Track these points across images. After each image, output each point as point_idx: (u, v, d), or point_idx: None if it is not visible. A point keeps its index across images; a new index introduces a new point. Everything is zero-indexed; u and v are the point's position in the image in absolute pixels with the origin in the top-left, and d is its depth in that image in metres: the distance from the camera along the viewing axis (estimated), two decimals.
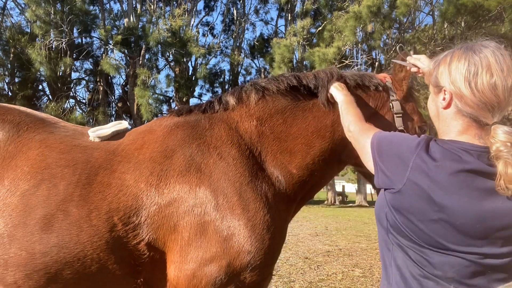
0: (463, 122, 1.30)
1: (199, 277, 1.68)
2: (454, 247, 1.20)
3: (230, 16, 30.28)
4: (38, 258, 1.72)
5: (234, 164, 1.80)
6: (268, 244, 1.73)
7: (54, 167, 1.84)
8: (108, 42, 22.39)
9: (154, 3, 26.21)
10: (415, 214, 1.24)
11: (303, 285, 5.56)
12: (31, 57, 20.51)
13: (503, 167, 1.17)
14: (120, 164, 1.84)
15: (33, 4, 20.57)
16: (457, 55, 1.31)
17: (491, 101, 1.23)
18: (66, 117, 20.90)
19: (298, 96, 2.03)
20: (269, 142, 1.93)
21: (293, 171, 1.92)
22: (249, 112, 1.98)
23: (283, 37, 24.18)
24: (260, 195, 1.78)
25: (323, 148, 1.96)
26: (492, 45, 1.28)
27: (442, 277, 1.22)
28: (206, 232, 1.70)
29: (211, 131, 1.89)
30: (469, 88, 1.24)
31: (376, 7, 19.16)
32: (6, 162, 1.87)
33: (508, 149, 1.17)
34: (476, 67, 1.24)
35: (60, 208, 1.74)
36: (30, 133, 1.97)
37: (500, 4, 18.86)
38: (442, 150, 1.25)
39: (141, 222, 1.73)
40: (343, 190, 33.34)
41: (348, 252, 8.08)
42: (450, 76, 1.30)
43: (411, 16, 22.91)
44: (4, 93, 23.55)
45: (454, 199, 1.19)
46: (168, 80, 25.24)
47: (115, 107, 28.33)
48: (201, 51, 23.03)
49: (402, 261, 1.30)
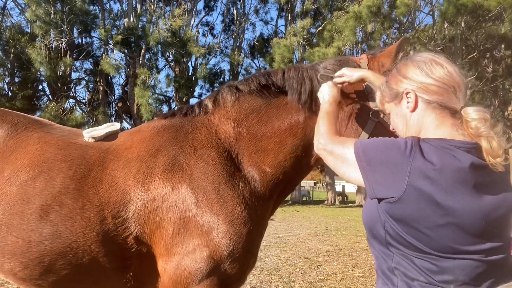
0: (436, 114, 1.32)
1: (182, 268, 1.78)
2: (464, 248, 1.18)
3: (230, 16, 30.29)
4: (34, 247, 1.81)
5: (213, 164, 1.90)
6: (246, 238, 1.83)
7: (52, 161, 1.94)
8: (108, 42, 22.39)
9: (154, 3, 26.21)
10: (421, 221, 1.19)
11: (303, 285, 5.56)
12: (31, 57, 20.52)
13: (486, 143, 1.20)
14: (111, 162, 1.95)
15: (33, 4, 20.57)
16: (403, 66, 1.41)
17: (452, 83, 1.31)
18: (66, 117, 20.92)
19: (271, 94, 2.06)
20: (245, 143, 2.01)
21: (267, 169, 1.98)
22: (226, 115, 2.05)
23: (283, 37, 24.19)
24: (237, 193, 1.88)
25: (295, 145, 1.99)
26: (422, 53, 1.41)
27: (453, 281, 1.19)
28: (188, 226, 1.80)
29: (193, 135, 2.01)
30: (429, 77, 1.32)
31: (376, 7, 19.17)
32: (6, 155, 1.99)
33: (485, 125, 1.21)
34: (426, 64, 1.35)
35: (56, 199, 1.84)
36: (29, 131, 2.10)
37: (500, 4, 18.86)
38: (436, 150, 1.22)
39: (129, 217, 1.83)
40: (343, 190, 33.35)
41: (348, 252, 8.08)
42: (407, 79, 1.37)
43: (411, 16, 22.92)
44: (4, 93, 23.55)
45: (458, 199, 1.17)
46: (168, 80, 25.24)
47: (115, 107, 28.36)
48: (201, 51, 23.04)
49: (406, 269, 1.24)
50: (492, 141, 1.19)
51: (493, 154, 1.19)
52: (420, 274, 1.21)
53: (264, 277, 5.91)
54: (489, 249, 1.19)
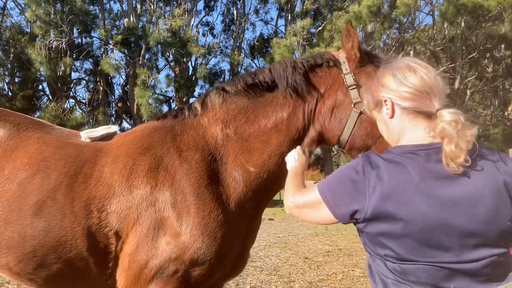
0: (410, 119, 1.39)
1: (150, 267, 1.82)
2: (422, 259, 1.23)
3: (230, 16, 30.27)
4: (28, 241, 1.89)
5: (196, 167, 1.94)
6: (220, 241, 1.87)
7: (49, 160, 2.04)
8: (108, 42, 22.38)
9: (154, 3, 26.19)
10: (383, 234, 1.28)
11: (303, 285, 5.56)
12: (31, 57, 20.47)
13: (447, 144, 1.24)
14: (102, 159, 2.04)
15: (33, 4, 20.54)
16: (381, 74, 1.48)
17: (425, 89, 1.36)
18: (66, 117, 20.89)
19: (258, 93, 2.08)
20: (232, 144, 2.04)
21: (251, 169, 2.00)
22: (215, 116, 2.09)
23: (283, 37, 24.17)
24: (215, 196, 1.92)
25: (279, 142, 2.01)
26: (401, 59, 1.49)
27: (417, 282, 1.24)
28: (162, 226, 1.84)
29: (181, 137, 2.05)
30: (403, 85, 1.39)
31: (376, 7, 19.15)
32: (7, 154, 2.09)
33: (453, 127, 1.25)
34: (400, 72, 1.42)
35: (50, 195, 1.93)
36: (30, 132, 2.20)
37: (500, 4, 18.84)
38: (385, 164, 1.30)
39: (112, 211, 1.89)
40: None
41: (348, 252, 8.08)
42: (384, 88, 1.44)
43: (411, 16, 22.90)
44: (4, 93, 23.53)
45: (414, 211, 1.22)
46: (168, 80, 25.21)
47: (115, 107, 28.33)
48: (201, 51, 23.00)
49: (381, 269, 1.34)
50: (451, 144, 1.22)
51: (452, 156, 1.22)
52: (390, 273, 1.30)
53: (264, 277, 5.92)
54: (461, 260, 1.21)
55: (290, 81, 2.02)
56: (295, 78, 2.02)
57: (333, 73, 2.05)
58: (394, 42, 23.00)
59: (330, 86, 2.02)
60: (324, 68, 2.07)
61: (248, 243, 2.18)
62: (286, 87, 2.03)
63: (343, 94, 1.98)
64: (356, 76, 1.98)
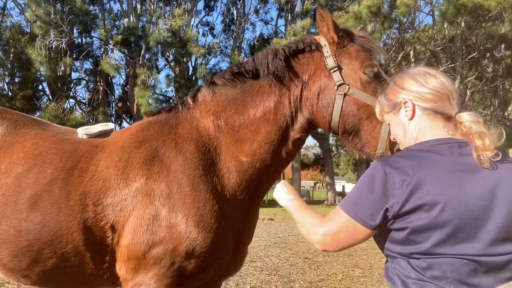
0: (431, 120, 1.43)
1: (148, 258, 1.82)
2: (451, 251, 1.24)
3: (230, 16, 30.28)
4: (23, 236, 1.88)
5: (190, 158, 1.94)
6: (215, 232, 1.85)
7: (45, 154, 2.04)
8: (108, 42, 22.38)
9: (154, 3, 26.20)
10: (413, 228, 1.27)
11: (303, 285, 5.56)
12: (31, 57, 20.50)
13: (479, 139, 1.29)
14: (98, 154, 2.04)
15: (33, 4, 20.55)
16: (399, 79, 1.52)
17: (445, 91, 1.42)
18: (66, 117, 20.90)
19: (245, 83, 2.08)
20: (224, 135, 2.03)
21: (243, 159, 1.99)
22: (206, 109, 2.09)
23: (283, 37, 24.18)
24: (210, 187, 1.91)
25: (268, 131, 1.99)
26: (416, 67, 1.55)
27: (441, 277, 1.24)
28: (158, 217, 1.83)
29: (176, 129, 2.05)
30: (425, 87, 1.44)
31: (376, 7, 19.17)
32: (3, 150, 2.10)
33: (478, 125, 1.33)
34: (420, 76, 1.47)
35: (46, 189, 1.92)
36: (27, 128, 2.22)
37: (500, 4, 18.86)
38: (407, 160, 1.32)
39: (108, 204, 1.88)
40: (343, 190, 33.35)
41: (348, 252, 8.08)
42: (404, 90, 1.48)
43: (411, 16, 22.90)
44: (4, 93, 23.54)
45: (445, 200, 1.24)
46: (168, 80, 25.23)
47: (115, 107, 28.35)
48: (201, 51, 23.02)
49: (402, 269, 1.33)
50: (485, 138, 1.29)
51: (485, 149, 1.27)
52: (413, 271, 1.29)
53: (264, 277, 5.91)
54: (487, 253, 1.22)
55: (271, 67, 2.00)
56: (276, 65, 2.00)
57: (316, 58, 2.02)
58: (394, 42, 23.00)
59: (314, 71, 2.00)
60: (307, 53, 2.05)
61: (244, 236, 2.16)
62: (268, 74, 2.01)
63: (327, 77, 1.95)
64: (338, 57, 1.96)
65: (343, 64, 1.95)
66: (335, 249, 1.44)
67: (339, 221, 1.39)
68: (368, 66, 1.91)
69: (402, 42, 22.22)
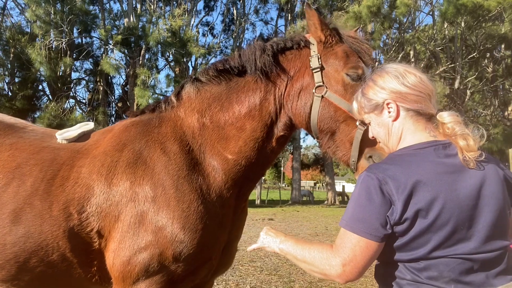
0: (413, 121, 1.42)
1: (133, 263, 1.78)
2: (447, 253, 1.25)
3: (230, 16, 30.29)
4: (9, 248, 1.87)
5: (174, 159, 1.90)
6: (201, 233, 1.82)
7: (23, 166, 1.99)
8: (108, 42, 22.38)
9: (154, 3, 26.20)
10: (412, 233, 1.27)
11: (303, 285, 5.56)
12: (31, 57, 20.47)
13: (463, 140, 1.31)
14: (79, 160, 1.99)
15: (33, 4, 20.54)
16: (378, 77, 1.48)
17: (426, 90, 1.42)
18: (66, 117, 20.88)
19: (230, 79, 2.04)
20: (209, 132, 2.00)
21: (228, 156, 1.97)
22: (191, 107, 2.05)
23: None
24: (195, 187, 1.87)
25: (253, 127, 1.97)
26: (390, 64, 1.50)
27: (438, 277, 1.25)
28: (143, 221, 1.80)
29: (159, 129, 2.01)
30: (405, 86, 1.41)
31: (376, 7, 19.15)
32: None
33: (460, 126, 1.34)
34: (398, 73, 1.44)
35: (27, 202, 1.90)
36: (1, 138, 2.14)
37: (500, 4, 18.86)
38: (397, 166, 1.32)
39: (92, 211, 1.85)
40: (343, 190, 33.32)
41: None
42: (384, 90, 1.44)
43: (411, 16, 22.90)
44: (4, 93, 23.54)
45: (439, 203, 1.24)
46: (168, 80, 25.20)
47: (115, 107, 28.34)
48: (201, 51, 23.01)
49: (397, 271, 1.34)
50: (468, 139, 1.30)
51: (469, 149, 1.29)
52: (408, 273, 1.29)
53: (264, 277, 5.92)
54: (478, 250, 1.25)
55: (259, 63, 1.98)
56: (264, 61, 1.97)
57: (303, 56, 2.00)
58: (394, 42, 22.99)
59: (299, 69, 1.98)
60: (295, 51, 2.03)
61: (233, 233, 2.12)
62: (255, 70, 1.99)
63: (310, 77, 1.93)
64: (323, 57, 1.94)
65: (328, 64, 1.93)
66: (358, 276, 1.33)
67: (350, 244, 1.30)
68: (352, 67, 1.87)
69: (402, 42, 22.20)
